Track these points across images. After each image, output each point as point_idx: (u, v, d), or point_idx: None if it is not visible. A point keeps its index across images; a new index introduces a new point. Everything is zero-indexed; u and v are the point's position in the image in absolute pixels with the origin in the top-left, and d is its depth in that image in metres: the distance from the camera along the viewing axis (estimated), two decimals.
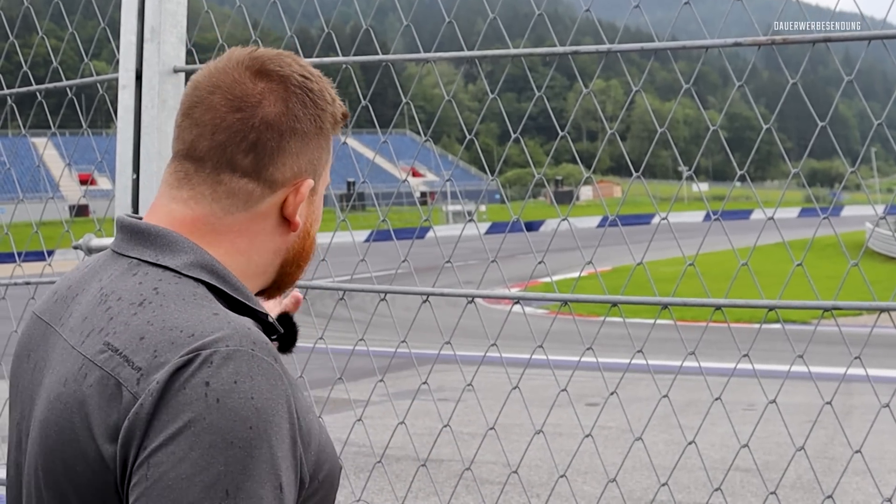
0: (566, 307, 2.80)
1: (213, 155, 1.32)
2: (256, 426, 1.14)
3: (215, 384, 1.14)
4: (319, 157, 1.37)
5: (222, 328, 1.19)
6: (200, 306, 1.23)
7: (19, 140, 3.73)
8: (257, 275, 1.37)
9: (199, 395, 1.13)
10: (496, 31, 3.01)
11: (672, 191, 75.74)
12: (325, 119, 1.37)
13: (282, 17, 3.15)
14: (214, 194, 1.33)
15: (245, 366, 1.16)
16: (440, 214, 57.65)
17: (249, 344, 1.18)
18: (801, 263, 2.54)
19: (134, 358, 1.18)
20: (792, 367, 2.53)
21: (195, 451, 1.11)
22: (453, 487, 3.11)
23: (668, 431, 7.95)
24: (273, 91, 1.33)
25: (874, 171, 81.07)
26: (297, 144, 1.33)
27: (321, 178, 1.39)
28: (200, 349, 1.16)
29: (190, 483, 1.10)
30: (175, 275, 1.27)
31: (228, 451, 1.12)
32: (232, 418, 1.13)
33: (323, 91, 1.37)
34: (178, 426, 1.12)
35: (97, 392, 1.18)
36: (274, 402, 1.16)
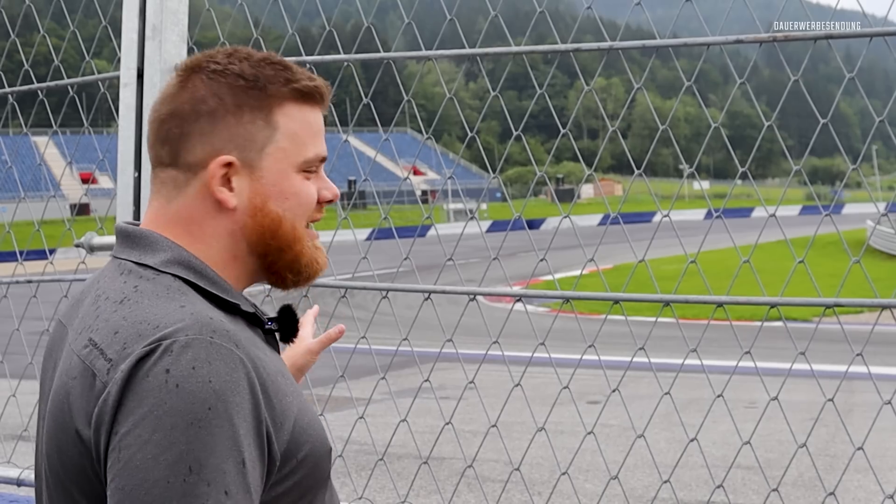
0: (568, 305, 2.79)
1: (151, 156, 1.45)
2: (215, 406, 1.22)
3: (175, 371, 1.23)
4: (247, 133, 1.40)
5: (184, 319, 1.28)
6: (171, 300, 1.32)
7: (20, 139, 3.73)
8: (231, 261, 1.43)
9: (160, 382, 1.22)
10: (497, 28, 3.01)
11: (673, 189, 75.72)
12: (241, 96, 1.40)
13: (283, 16, 3.15)
14: (158, 189, 1.45)
15: (203, 352, 1.24)
16: (441, 213, 57.65)
17: (209, 332, 1.26)
18: (802, 261, 2.54)
19: (107, 350, 1.28)
20: (794, 364, 2.53)
21: (158, 433, 1.20)
22: (455, 485, 3.11)
23: (669, 429, 7.95)
24: (180, 83, 1.42)
25: (875, 168, 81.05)
26: (205, 125, 1.40)
27: (266, 153, 1.41)
28: (162, 339, 1.25)
29: (155, 462, 1.19)
30: (153, 272, 1.37)
31: (189, 430, 1.20)
32: (191, 401, 1.21)
33: (243, 72, 1.41)
34: (143, 411, 1.21)
35: (79, 383, 1.29)
36: (233, 384, 1.24)
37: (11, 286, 3.54)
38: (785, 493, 6.30)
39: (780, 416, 2.70)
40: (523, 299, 2.89)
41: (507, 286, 3.02)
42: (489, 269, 3.07)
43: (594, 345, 2.71)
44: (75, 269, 3.44)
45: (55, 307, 3.43)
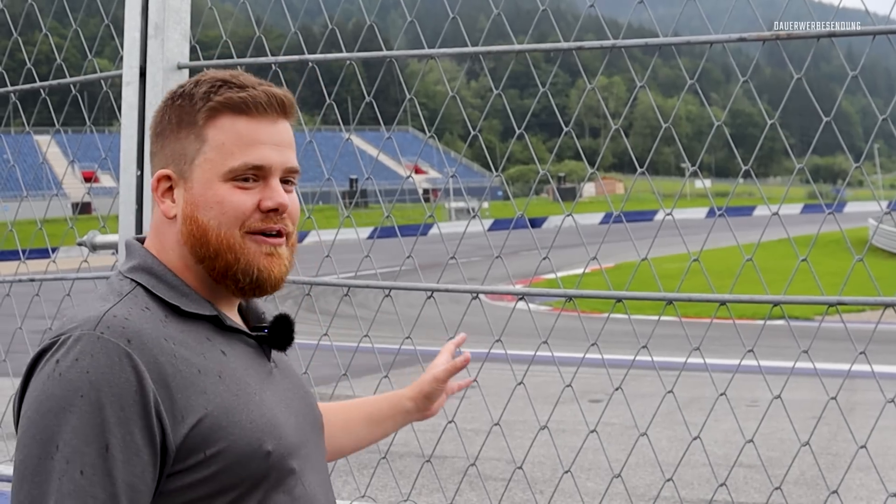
0: (570, 303, 2.79)
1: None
2: (87, 395, 1.35)
3: (62, 362, 1.37)
4: (181, 148, 1.53)
5: (89, 316, 1.42)
6: (103, 300, 1.46)
7: (23, 137, 3.73)
8: (185, 268, 1.55)
9: (49, 371, 1.38)
10: (499, 27, 3.01)
11: (675, 187, 75.71)
12: (182, 115, 1.53)
13: (285, 14, 3.15)
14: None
15: (89, 346, 1.37)
16: (443, 211, 57.62)
17: (102, 328, 1.39)
18: (805, 259, 2.53)
19: (42, 344, 1.43)
20: (796, 363, 2.53)
21: (38, 414, 1.36)
22: (457, 484, 3.11)
23: (671, 428, 7.94)
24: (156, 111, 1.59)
25: (877, 167, 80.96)
26: (159, 144, 1.56)
27: (196, 165, 1.52)
28: (62, 333, 1.41)
29: (32, 440, 1.35)
30: (119, 276, 1.53)
31: (61, 415, 1.34)
32: (67, 388, 1.35)
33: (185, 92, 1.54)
34: (34, 396, 1.38)
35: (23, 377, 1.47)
36: (111, 376, 1.36)
37: (14, 285, 3.54)
38: (787, 492, 6.30)
39: (782, 415, 2.69)
40: (526, 298, 2.89)
41: (509, 285, 3.02)
42: (491, 267, 3.07)
43: (597, 343, 2.71)
44: (78, 268, 3.44)
45: (58, 306, 3.45)
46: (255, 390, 1.51)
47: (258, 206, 1.52)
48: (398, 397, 2.05)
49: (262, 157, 1.52)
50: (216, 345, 1.50)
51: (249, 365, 1.54)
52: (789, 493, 6.50)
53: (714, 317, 2.61)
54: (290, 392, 1.61)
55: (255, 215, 1.52)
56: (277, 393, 1.56)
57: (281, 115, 1.55)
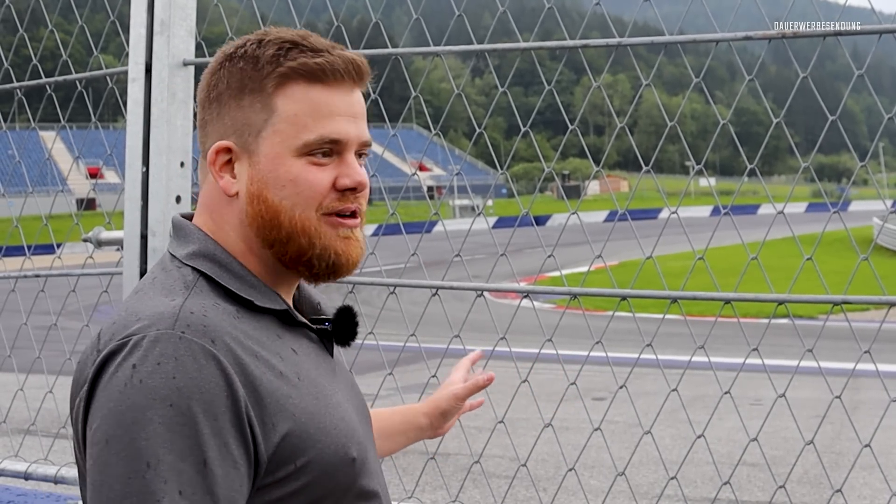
0: (575, 301, 2.79)
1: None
2: (177, 404, 1.19)
3: (140, 367, 1.21)
4: (246, 117, 1.36)
5: (162, 313, 1.25)
6: (172, 293, 1.30)
7: (28, 133, 3.72)
8: (248, 252, 1.39)
9: (126, 378, 1.21)
10: (504, 25, 3.01)
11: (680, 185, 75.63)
12: (244, 79, 1.36)
13: (291, 11, 3.15)
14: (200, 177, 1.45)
15: (171, 348, 1.21)
16: (447, 209, 57.61)
17: (181, 327, 1.23)
18: (810, 258, 2.53)
19: (100, 342, 1.28)
20: (801, 361, 2.53)
21: (120, 429, 1.19)
22: (461, 481, 3.11)
23: (675, 426, 7.95)
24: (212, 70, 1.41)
25: (882, 166, 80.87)
26: (214, 112, 1.39)
27: (263, 137, 1.36)
28: (134, 333, 1.24)
29: (117, 458, 1.18)
30: (178, 264, 1.36)
31: (149, 427, 1.18)
32: (151, 397, 1.19)
33: (245, 54, 1.37)
34: (109, 407, 1.21)
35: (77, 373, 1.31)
36: (202, 381, 1.21)
37: (19, 280, 3.55)
38: (791, 490, 6.30)
39: (786, 414, 2.69)
40: (530, 295, 2.89)
41: (513, 282, 3.02)
42: (496, 265, 3.07)
43: (601, 341, 2.71)
44: (83, 264, 3.45)
45: (62, 301, 3.46)
46: (330, 392, 1.38)
47: (334, 185, 1.37)
48: (412, 412, 1.93)
49: (338, 130, 1.36)
50: (287, 342, 1.36)
51: (318, 363, 1.40)
52: (793, 491, 6.50)
53: (718, 315, 2.61)
54: (351, 390, 1.49)
55: (330, 195, 1.37)
56: (344, 392, 1.44)
57: (357, 82, 1.42)
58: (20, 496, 4.29)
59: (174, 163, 2.83)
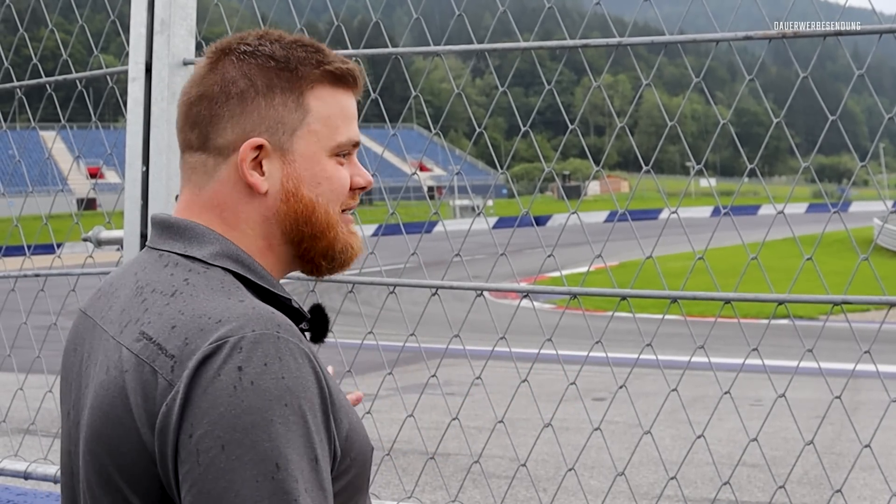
0: (575, 301, 2.79)
1: (180, 141, 1.42)
2: (291, 403, 1.20)
3: (248, 368, 1.19)
4: (278, 115, 1.38)
5: (247, 314, 1.24)
6: (228, 294, 1.29)
7: (28, 133, 3.72)
8: (267, 249, 1.40)
9: (233, 380, 1.19)
10: (504, 25, 3.01)
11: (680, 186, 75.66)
12: (272, 78, 1.37)
13: (291, 11, 3.15)
14: (188, 175, 1.42)
15: (272, 348, 1.22)
16: (448, 209, 57.62)
17: (274, 327, 1.24)
18: (810, 258, 2.53)
19: (167, 346, 1.24)
20: (801, 362, 2.53)
21: (238, 432, 1.17)
22: (461, 481, 3.11)
23: (675, 426, 7.95)
24: (209, 65, 1.40)
25: (882, 166, 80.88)
26: (235, 108, 1.37)
27: (297, 136, 1.39)
28: (228, 336, 1.21)
29: (241, 463, 1.16)
30: (203, 265, 1.34)
31: (270, 428, 1.18)
32: (267, 398, 1.19)
33: (273, 53, 1.39)
34: (219, 412, 1.18)
35: (134, 378, 1.24)
36: (304, 379, 1.22)
37: (19, 280, 3.55)
38: (791, 491, 6.29)
39: (786, 414, 2.69)
40: (530, 295, 2.89)
41: (513, 282, 3.02)
42: (496, 265, 3.07)
43: (601, 341, 2.71)
44: (83, 264, 3.45)
45: (62, 301, 3.46)
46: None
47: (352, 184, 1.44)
48: None
49: (357, 133, 1.45)
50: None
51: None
52: (793, 492, 6.50)
53: (718, 315, 2.61)
54: None
55: (348, 193, 1.45)
56: None
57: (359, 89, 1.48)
58: (20, 495, 4.29)
59: (174, 162, 2.83)
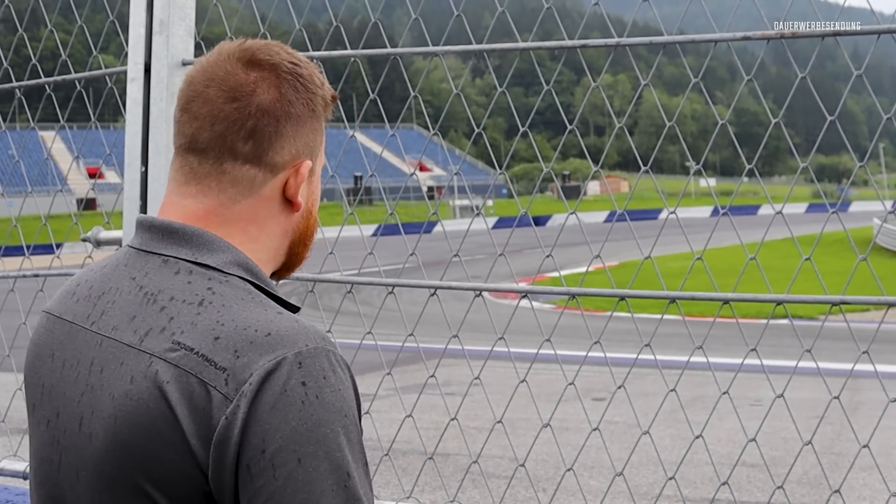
0: (574, 301, 2.79)
1: (214, 146, 1.37)
2: (348, 413, 1.26)
3: (310, 383, 1.24)
4: (314, 138, 1.43)
5: (293, 327, 1.28)
6: (261, 305, 1.31)
7: (28, 133, 3.73)
8: (269, 259, 1.44)
9: (301, 395, 1.22)
10: (504, 25, 3.01)
11: (679, 186, 75.70)
12: (316, 102, 1.42)
13: (290, 11, 3.15)
14: (220, 185, 1.38)
15: (326, 362, 1.26)
16: (447, 209, 57.63)
17: (320, 340, 1.28)
18: (809, 258, 2.53)
19: (214, 357, 1.24)
20: (799, 362, 2.53)
21: (312, 445, 1.21)
22: (460, 481, 3.11)
23: (674, 426, 7.95)
24: (265, 78, 1.38)
25: (882, 166, 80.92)
26: (292, 128, 1.39)
27: (317, 158, 1.46)
28: (286, 352, 1.25)
29: (318, 474, 1.21)
30: (221, 274, 1.34)
31: (338, 438, 1.23)
32: (333, 410, 1.24)
33: (312, 76, 1.43)
34: (291, 426, 1.21)
35: (178, 390, 1.23)
36: (350, 389, 1.28)
37: (18, 280, 3.55)
38: (790, 491, 6.29)
39: (785, 414, 2.70)
40: (529, 296, 2.89)
41: (512, 282, 3.03)
42: (495, 265, 3.07)
43: (600, 341, 2.71)
44: (82, 264, 3.45)
45: None
46: None
47: None
48: None
49: None
50: None
51: None
52: (792, 492, 6.50)
53: (717, 315, 2.61)
54: None
55: None
56: None
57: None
58: (19, 496, 4.29)
59: (170, 167, 2.83)
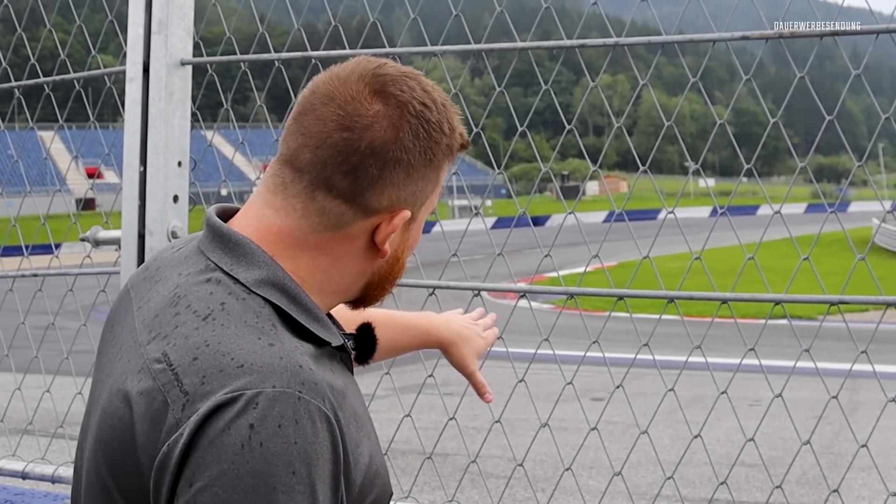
0: (572, 301, 2.79)
1: (312, 169, 1.28)
2: (299, 471, 1.13)
3: (260, 428, 1.12)
4: (424, 187, 1.33)
5: (272, 364, 1.17)
6: (260, 332, 1.21)
7: (26, 133, 3.73)
8: (338, 292, 1.35)
9: (242, 438, 1.12)
10: (503, 25, 3.01)
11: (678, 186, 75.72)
12: (437, 151, 1.32)
13: (289, 11, 3.15)
14: (306, 210, 1.30)
15: (290, 409, 1.14)
16: (446, 209, 57.65)
17: (297, 385, 1.16)
18: (807, 257, 2.53)
19: (184, 379, 1.17)
20: (798, 361, 2.53)
21: (237, 494, 1.11)
22: (458, 481, 3.11)
23: (673, 426, 7.95)
24: (387, 116, 1.28)
25: (881, 166, 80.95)
26: (400, 175, 1.29)
27: (423, 206, 1.36)
28: (246, 388, 1.14)
29: None
30: (244, 290, 1.26)
31: (271, 495, 1.11)
32: (275, 463, 1.12)
33: (441, 122, 1.32)
34: (222, 468, 1.12)
35: (144, 402, 1.18)
36: (318, 445, 1.15)
37: (17, 280, 3.55)
38: (788, 491, 6.29)
39: (784, 414, 2.70)
40: (527, 295, 2.89)
41: (511, 282, 3.02)
42: (493, 265, 3.07)
43: (598, 341, 2.71)
44: (80, 264, 3.45)
45: (60, 301, 3.46)
46: (371, 426, 1.33)
47: None
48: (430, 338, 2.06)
49: None
50: (345, 376, 1.32)
51: (356, 391, 1.34)
52: (791, 492, 6.50)
53: (716, 315, 2.61)
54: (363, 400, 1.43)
55: None
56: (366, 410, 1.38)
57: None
58: (18, 495, 4.29)
59: (171, 162, 2.83)
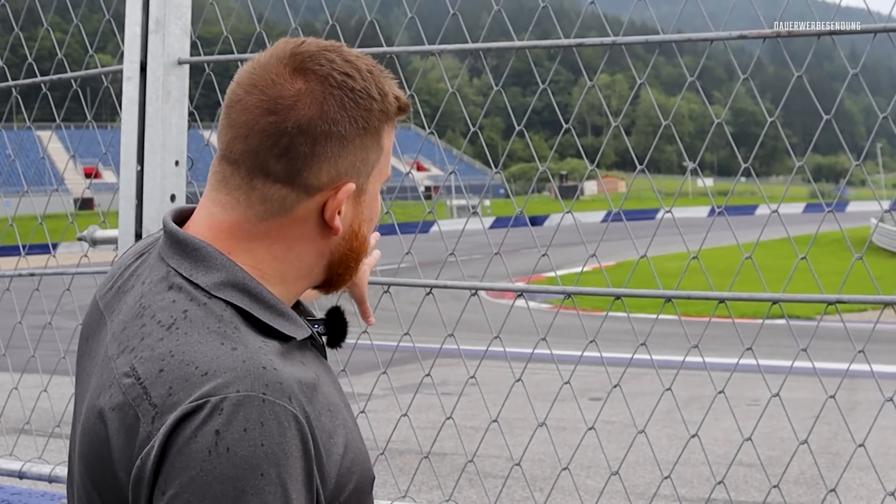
0: (570, 301, 2.79)
1: (246, 159, 1.28)
2: (267, 473, 1.14)
3: (225, 433, 1.13)
4: (366, 157, 1.32)
5: (235, 368, 1.17)
6: (223, 337, 1.21)
7: (24, 133, 3.73)
8: (300, 277, 1.35)
9: (209, 444, 1.13)
10: (501, 24, 3.01)
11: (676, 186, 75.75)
12: (370, 118, 1.30)
13: (287, 11, 3.15)
14: (248, 200, 1.30)
15: (255, 412, 1.15)
16: (444, 209, 57.66)
17: (261, 387, 1.17)
18: (804, 257, 2.53)
19: (152, 392, 1.17)
20: (795, 361, 2.53)
21: (208, 499, 1.12)
22: (456, 481, 3.11)
23: (671, 426, 7.95)
24: (309, 92, 1.27)
25: (879, 166, 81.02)
26: (334, 148, 1.28)
27: (372, 176, 1.34)
28: (210, 394, 1.15)
29: None
30: (205, 295, 1.26)
31: (241, 498, 1.12)
32: (242, 466, 1.13)
33: (368, 88, 1.30)
34: (190, 475, 1.12)
35: (117, 418, 1.19)
36: (286, 445, 1.16)
37: (14, 279, 3.55)
38: (786, 491, 6.30)
39: (781, 414, 2.70)
40: (525, 295, 2.89)
41: (509, 282, 3.02)
42: (491, 264, 3.07)
43: (596, 341, 2.71)
44: (77, 263, 3.44)
45: (58, 301, 3.46)
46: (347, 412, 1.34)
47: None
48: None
49: None
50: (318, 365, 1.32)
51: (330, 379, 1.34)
52: (788, 491, 6.50)
53: (713, 315, 2.61)
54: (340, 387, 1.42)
55: None
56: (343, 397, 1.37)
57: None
58: (15, 495, 4.29)
59: (169, 161, 2.83)
